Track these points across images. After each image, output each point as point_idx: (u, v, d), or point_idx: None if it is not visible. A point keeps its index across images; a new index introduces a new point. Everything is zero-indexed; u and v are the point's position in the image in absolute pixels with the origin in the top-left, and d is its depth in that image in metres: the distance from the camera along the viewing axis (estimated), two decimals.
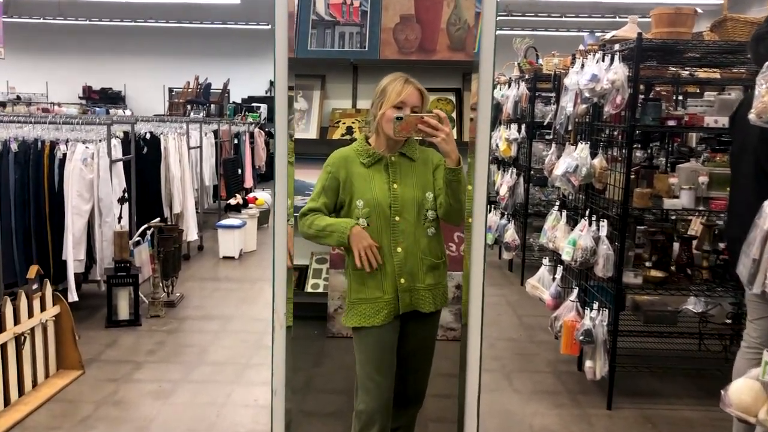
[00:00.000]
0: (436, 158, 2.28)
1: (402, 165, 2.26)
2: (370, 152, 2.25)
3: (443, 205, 2.22)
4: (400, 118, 2.12)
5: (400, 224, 2.22)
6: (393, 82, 2.21)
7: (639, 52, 3.20)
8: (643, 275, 3.45)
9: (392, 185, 2.24)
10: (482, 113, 2.35)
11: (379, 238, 2.21)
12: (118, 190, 4.81)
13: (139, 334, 4.47)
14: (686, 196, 3.35)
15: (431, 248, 2.28)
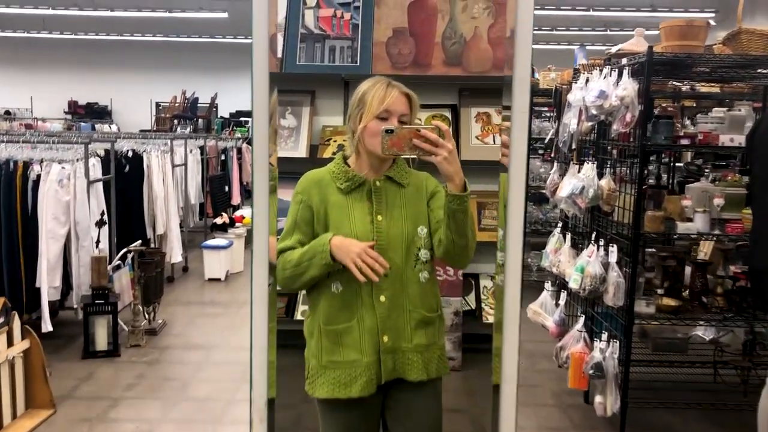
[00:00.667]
0: (432, 183, 1.86)
1: (388, 192, 1.81)
2: (348, 175, 1.81)
3: (443, 243, 1.75)
4: (391, 131, 1.68)
5: (384, 266, 1.75)
6: (372, 87, 1.78)
7: (650, 66, 3.00)
8: (656, 303, 3.24)
9: (375, 217, 1.78)
10: (517, 137, 1.55)
11: (356, 283, 1.75)
12: (96, 213, 4.56)
13: (118, 366, 4.20)
14: (701, 220, 3.14)
15: (423, 298, 1.82)
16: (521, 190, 0.68)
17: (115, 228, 5.03)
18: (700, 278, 3.28)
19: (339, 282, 1.79)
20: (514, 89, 0.63)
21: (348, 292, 1.78)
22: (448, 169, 1.67)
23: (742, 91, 4.83)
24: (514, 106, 0.67)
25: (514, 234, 0.71)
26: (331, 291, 1.80)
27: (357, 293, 1.78)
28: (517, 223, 0.73)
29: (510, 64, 1.63)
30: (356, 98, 1.81)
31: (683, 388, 3.69)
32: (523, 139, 0.69)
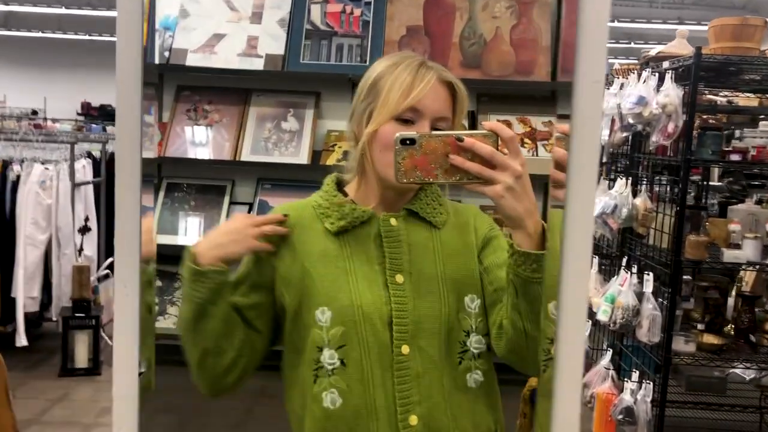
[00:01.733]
0: (484, 223, 1.20)
1: (412, 236, 1.14)
2: (345, 209, 1.13)
3: (508, 334, 1.06)
4: (410, 142, 0.99)
5: (411, 364, 1.08)
6: (393, 68, 1.10)
7: (697, 70, 2.63)
8: (696, 341, 2.85)
9: (392, 278, 1.10)
10: (586, 160, 1.09)
11: (368, 394, 1.08)
12: (81, 218, 4.24)
13: (97, 385, 3.86)
14: (751, 247, 2.76)
15: (476, 416, 1.13)
16: (587, 240, 0.41)
17: (106, 235, 4.72)
18: (747, 313, 2.89)
19: (336, 390, 1.08)
20: (576, 91, 0.35)
21: (353, 409, 1.08)
22: (514, 209, 0.97)
23: None
24: (576, 116, 0.37)
25: (572, 312, 0.44)
26: (323, 407, 1.08)
27: (369, 411, 1.07)
28: (580, 294, 0.42)
29: (564, 63, 1.15)
30: (366, 84, 1.12)
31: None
32: (592, 165, 0.38)
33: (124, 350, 0.47)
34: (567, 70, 0.39)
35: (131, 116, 0.48)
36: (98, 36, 15.95)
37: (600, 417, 2.90)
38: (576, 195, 0.44)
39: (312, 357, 1.09)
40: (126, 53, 0.49)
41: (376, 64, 1.14)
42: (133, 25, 0.49)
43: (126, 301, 0.47)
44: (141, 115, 0.48)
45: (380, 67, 1.12)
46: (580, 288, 0.47)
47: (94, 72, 17.32)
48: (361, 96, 1.12)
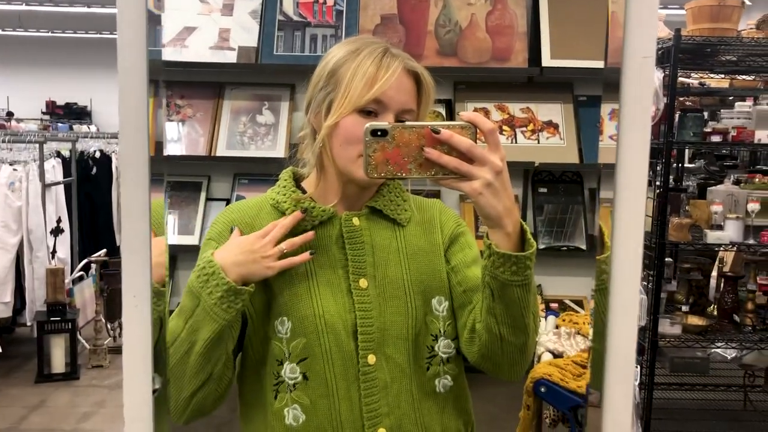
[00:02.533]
0: (450, 219, 1.13)
1: (375, 237, 1.07)
2: (305, 208, 1.04)
3: (482, 339, 1.00)
4: (382, 134, 0.89)
5: (377, 374, 1.02)
6: (355, 55, 1.01)
7: (677, 52, 2.62)
8: (682, 323, 2.86)
9: (356, 283, 1.03)
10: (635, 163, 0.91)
11: (333, 408, 1.01)
12: (53, 219, 4.13)
13: (76, 390, 3.78)
14: (733, 227, 2.76)
15: (446, 423, 1.08)
16: (638, 240, 0.38)
17: (78, 236, 4.61)
18: (729, 293, 2.91)
19: (298, 406, 1.01)
20: (624, 79, 0.33)
21: (317, 425, 1.01)
22: (492, 207, 0.88)
23: (754, 85, 4.49)
24: (626, 94, 0.34)
25: (623, 317, 0.41)
26: (285, 423, 1.02)
27: (335, 426, 1.01)
28: (631, 313, 0.40)
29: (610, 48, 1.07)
30: (324, 71, 1.03)
31: (710, 415, 3.31)
32: (644, 150, 0.36)
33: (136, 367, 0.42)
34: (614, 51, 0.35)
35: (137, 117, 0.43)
36: (61, 33, 15.60)
37: None
38: (627, 181, 0.41)
39: (272, 371, 1.02)
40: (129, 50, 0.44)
41: (335, 49, 1.04)
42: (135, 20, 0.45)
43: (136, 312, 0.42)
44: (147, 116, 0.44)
45: (340, 52, 1.02)
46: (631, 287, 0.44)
47: (59, 69, 16.96)
48: (318, 84, 1.03)
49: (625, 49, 0.40)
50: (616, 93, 0.40)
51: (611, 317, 0.45)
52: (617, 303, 0.45)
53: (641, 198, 0.41)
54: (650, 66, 0.40)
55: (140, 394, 0.43)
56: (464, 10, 3.60)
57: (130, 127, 0.44)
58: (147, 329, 0.42)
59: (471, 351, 1.03)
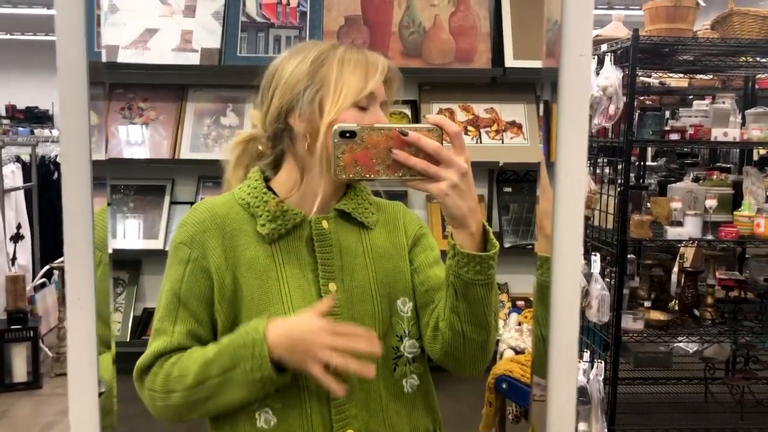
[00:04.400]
0: (412, 221, 1.16)
1: (343, 240, 1.08)
2: (276, 211, 1.05)
3: (445, 337, 1.03)
4: (351, 135, 0.92)
5: (347, 377, 1.02)
6: (335, 51, 1.04)
7: (635, 52, 2.67)
8: (644, 318, 2.91)
9: (326, 287, 1.05)
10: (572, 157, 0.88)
11: (303, 412, 1.02)
12: (13, 226, 4.05)
13: (38, 400, 3.70)
14: (692, 223, 2.82)
15: (415, 422, 1.10)
16: (578, 234, 0.39)
17: (40, 242, 4.53)
18: (690, 288, 2.97)
19: (269, 409, 1.02)
20: (562, 79, 0.33)
21: (286, 428, 1.02)
22: (458, 207, 0.92)
23: (712, 84, 4.59)
24: (563, 91, 0.35)
25: (565, 321, 0.42)
26: (257, 427, 1.02)
27: (306, 429, 1.02)
28: (572, 305, 0.40)
29: (550, 47, 1.11)
30: (301, 71, 1.03)
31: (673, 408, 3.37)
32: (582, 144, 0.37)
33: (81, 370, 0.42)
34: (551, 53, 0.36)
35: (77, 119, 0.43)
36: (21, 35, 15.30)
37: None
38: (565, 174, 0.42)
39: None
40: (67, 52, 0.44)
41: (305, 50, 1.05)
42: (74, 21, 0.44)
43: (80, 314, 0.42)
44: (88, 117, 0.43)
45: (316, 51, 1.04)
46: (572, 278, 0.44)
47: (19, 73, 16.63)
48: (299, 84, 1.02)
49: (562, 48, 0.41)
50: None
51: (553, 307, 0.45)
52: (558, 294, 0.46)
53: (581, 190, 0.42)
54: (587, 63, 0.41)
55: (87, 399, 0.42)
56: (427, 11, 3.62)
57: (70, 130, 0.44)
58: (92, 331, 0.42)
59: (434, 349, 1.05)
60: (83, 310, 0.42)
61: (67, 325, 0.42)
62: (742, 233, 2.84)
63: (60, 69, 0.43)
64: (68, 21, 0.42)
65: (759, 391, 3.22)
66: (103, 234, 0.48)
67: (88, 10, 0.49)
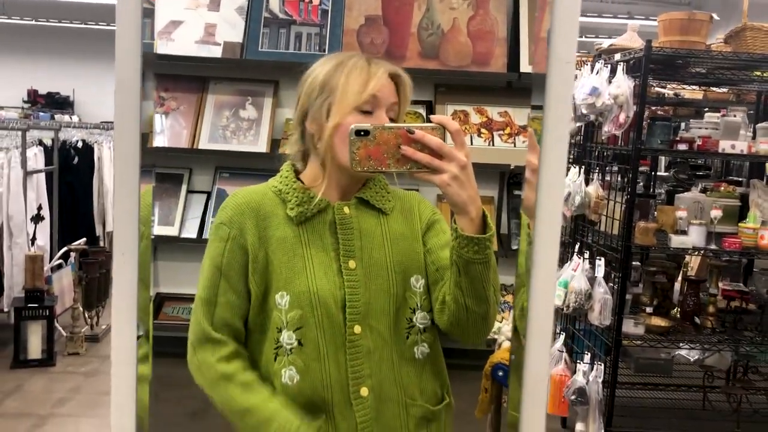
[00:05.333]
0: (426, 209, 1.29)
1: (363, 223, 1.22)
2: (304, 197, 1.19)
3: (450, 309, 1.16)
4: (365, 134, 1.06)
5: (362, 342, 1.17)
6: (344, 65, 1.17)
7: (647, 63, 2.72)
8: (645, 323, 2.96)
9: (346, 264, 1.18)
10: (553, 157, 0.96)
11: (323, 370, 1.16)
12: (34, 207, 4.15)
13: (52, 376, 3.81)
14: (696, 233, 2.87)
15: (424, 383, 1.23)
16: (555, 234, 0.44)
17: (59, 224, 4.63)
18: (692, 296, 3.02)
19: (294, 367, 1.17)
20: (549, 83, 0.39)
21: (309, 384, 1.16)
22: (458, 196, 1.05)
23: (726, 98, 4.62)
24: (549, 95, 0.41)
25: (542, 297, 0.47)
26: (282, 382, 1.17)
27: (325, 385, 1.16)
28: (548, 284, 0.46)
29: (539, 56, 1.17)
30: (316, 82, 1.17)
31: (670, 414, 3.42)
32: (561, 156, 0.43)
33: (124, 315, 0.49)
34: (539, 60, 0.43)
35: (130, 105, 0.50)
36: (45, 21, 15.47)
37: (554, 398, 2.99)
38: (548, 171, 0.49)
39: (273, 337, 1.17)
40: (125, 42, 0.51)
41: (322, 64, 1.19)
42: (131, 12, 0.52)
43: (125, 266, 0.49)
44: (140, 105, 0.51)
45: (329, 65, 1.18)
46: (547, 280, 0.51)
47: (41, 58, 16.80)
48: (313, 94, 1.17)
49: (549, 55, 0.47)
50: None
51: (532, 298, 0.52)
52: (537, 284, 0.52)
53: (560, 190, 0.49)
54: (570, 70, 0.48)
55: (127, 339, 0.50)
56: (447, 14, 3.68)
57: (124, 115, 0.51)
58: (133, 282, 0.49)
59: (442, 320, 1.19)
60: (127, 264, 0.50)
61: (114, 274, 0.50)
62: (746, 245, 2.89)
63: (118, 57, 0.50)
64: (127, 12, 0.49)
65: (756, 401, 3.26)
66: (147, 212, 0.55)
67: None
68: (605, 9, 12.32)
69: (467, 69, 3.54)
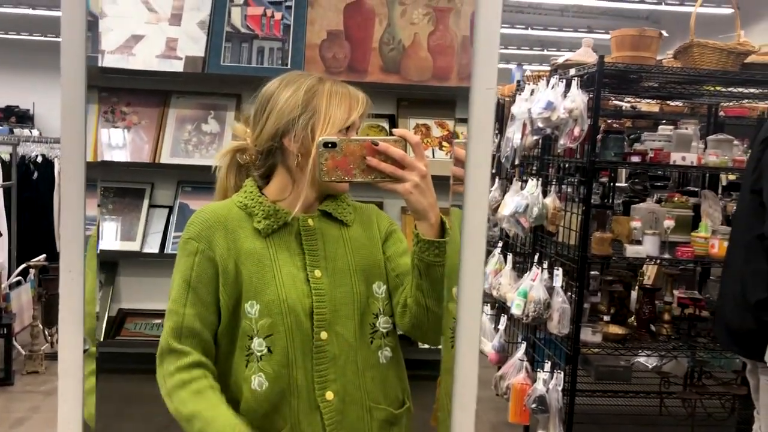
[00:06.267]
0: (383, 220, 1.37)
1: (326, 234, 1.28)
2: (269, 210, 1.25)
3: (411, 311, 1.23)
4: (332, 146, 1.13)
5: (328, 347, 1.23)
6: (321, 85, 1.24)
7: (601, 77, 2.80)
8: (602, 331, 3.03)
9: (312, 273, 1.25)
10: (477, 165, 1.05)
11: (291, 376, 1.22)
12: None
13: (10, 396, 3.74)
14: (650, 242, 2.95)
15: (387, 387, 1.30)
16: (481, 233, 0.47)
17: (17, 240, 4.56)
18: (647, 304, 3.10)
19: (263, 374, 1.21)
20: (473, 101, 0.42)
21: (278, 390, 1.21)
22: (419, 202, 1.14)
23: (681, 111, 4.76)
24: (472, 118, 0.44)
25: (470, 293, 0.49)
26: (252, 388, 1.21)
27: (292, 390, 1.21)
28: (476, 282, 0.49)
29: (464, 71, 1.25)
30: (296, 100, 1.22)
31: (629, 420, 3.50)
32: (485, 164, 0.46)
33: (70, 330, 0.51)
34: (464, 77, 0.46)
35: (75, 118, 0.52)
36: (4, 34, 15.22)
37: (515, 406, 3.04)
38: (473, 189, 0.52)
39: (244, 345, 1.22)
40: (70, 56, 0.53)
41: (292, 83, 1.25)
42: (76, 25, 0.54)
43: (72, 283, 0.51)
44: (85, 119, 0.53)
45: (306, 85, 1.24)
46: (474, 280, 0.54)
47: (0, 71, 16.52)
48: (294, 112, 1.22)
49: (472, 82, 0.51)
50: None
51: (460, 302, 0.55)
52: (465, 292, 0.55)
53: (484, 201, 0.52)
54: (492, 96, 0.51)
55: (73, 353, 0.52)
56: (408, 29, 3.73)
57: (71, 131, 0.53)
58: (80, 298, 0.51)
59: (403, 322, 1.27)
60: (74, 280, 0.52)
61: (61, 292, 0.52)
62: (698, 253, 2.98)
63: (63, 72, 0.52)
64: (71, 25, 0.52)
65: (710, 404, 3.35)
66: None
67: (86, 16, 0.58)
68: (566, 23, 12.59)
69: (428, 83, 3.60)
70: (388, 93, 3.47)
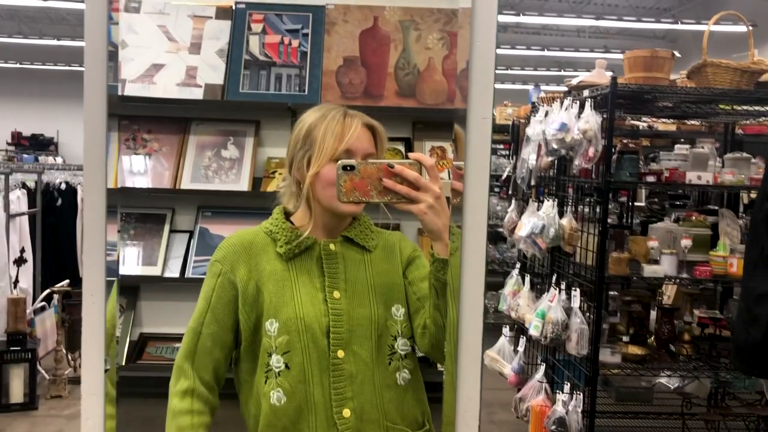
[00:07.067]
0: (408, 246, 1.39)
1: (347, 259, 1.33)
2: (292, 236, 1.31)
3: (430, 331, 1.27)
4: (350, 168, 1.20)
5: (345, 366, 1.27)
6: (323, 119, 1.29)
7: (614, 98, 2.82)
8: (621, 352, 3.01)
9: (330, 294, 1.29)
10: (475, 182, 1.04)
11: (308, 392, 1.26)
12: (17, 249, 4.17)
13: (34, 421, 3.79)
14: (668, 262, 2.94)
15: (404, 408, 1.32)
16: (481, 246, 0.49)
17: (42, 266, 4.64)
18: (667, 324, 3.08)
19: (281, 389, 1.26)
20: (469, 126, 0.45)
21: (295, 405, 1.26)
22: (434, 223, 1.18)
23: (699, 129, 4.75)
24: (469, 145, 0.47)
25: (471, 316, 0.51)
26: (271, 403, 1.27)
27: (309, 407, 1.25)
28: (476, 304, 0.52)
29: (464, 95, 1.28)
30: (300, 134, 1.30)
31: None
32: (483, 183, 0.49)
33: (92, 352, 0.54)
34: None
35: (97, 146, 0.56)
36: (29, 64, 15.58)
37: (535, 428, 3.02)
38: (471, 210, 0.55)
39: (263, 362, 1.28)
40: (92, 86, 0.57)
41: (306, 117, 1.32)
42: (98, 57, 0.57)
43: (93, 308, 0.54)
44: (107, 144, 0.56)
45: (311, 118, 1.31)
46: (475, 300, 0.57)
47: (26, 101, 16.87)
48: (297, 145, 1.30)
49: (468, 112, 0.54)
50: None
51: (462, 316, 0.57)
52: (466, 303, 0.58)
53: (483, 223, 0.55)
54: (488, 125, 0.54)
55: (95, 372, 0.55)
56: (422, 54, 3.79)
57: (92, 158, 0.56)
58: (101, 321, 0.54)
59: (423, 343, 1.30)
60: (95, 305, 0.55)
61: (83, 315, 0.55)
62: (716, 272, 2.96)
63: (86, 100, 0.56)
64: (94, 56, 0.55)
65: (734, 427, 3.30)
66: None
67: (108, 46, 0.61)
68: (582, 44, 12.62)
69: (443, 106, 3.65)
70: (404, 116, 3.51)
